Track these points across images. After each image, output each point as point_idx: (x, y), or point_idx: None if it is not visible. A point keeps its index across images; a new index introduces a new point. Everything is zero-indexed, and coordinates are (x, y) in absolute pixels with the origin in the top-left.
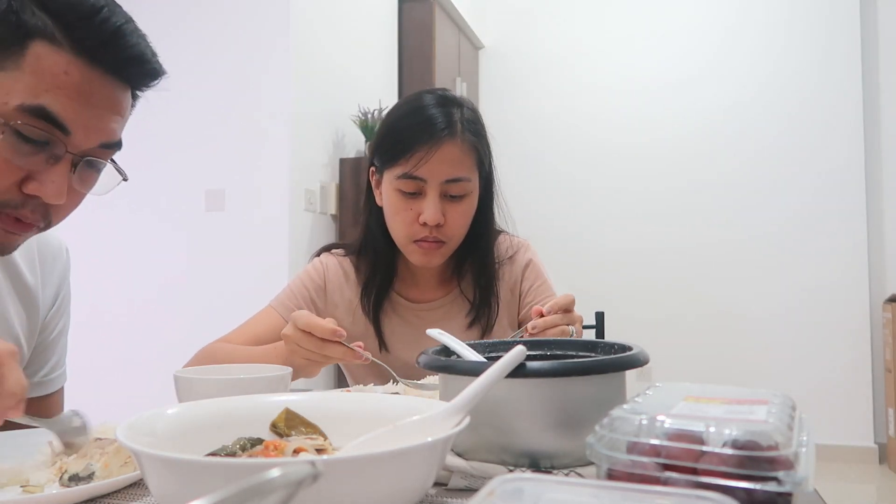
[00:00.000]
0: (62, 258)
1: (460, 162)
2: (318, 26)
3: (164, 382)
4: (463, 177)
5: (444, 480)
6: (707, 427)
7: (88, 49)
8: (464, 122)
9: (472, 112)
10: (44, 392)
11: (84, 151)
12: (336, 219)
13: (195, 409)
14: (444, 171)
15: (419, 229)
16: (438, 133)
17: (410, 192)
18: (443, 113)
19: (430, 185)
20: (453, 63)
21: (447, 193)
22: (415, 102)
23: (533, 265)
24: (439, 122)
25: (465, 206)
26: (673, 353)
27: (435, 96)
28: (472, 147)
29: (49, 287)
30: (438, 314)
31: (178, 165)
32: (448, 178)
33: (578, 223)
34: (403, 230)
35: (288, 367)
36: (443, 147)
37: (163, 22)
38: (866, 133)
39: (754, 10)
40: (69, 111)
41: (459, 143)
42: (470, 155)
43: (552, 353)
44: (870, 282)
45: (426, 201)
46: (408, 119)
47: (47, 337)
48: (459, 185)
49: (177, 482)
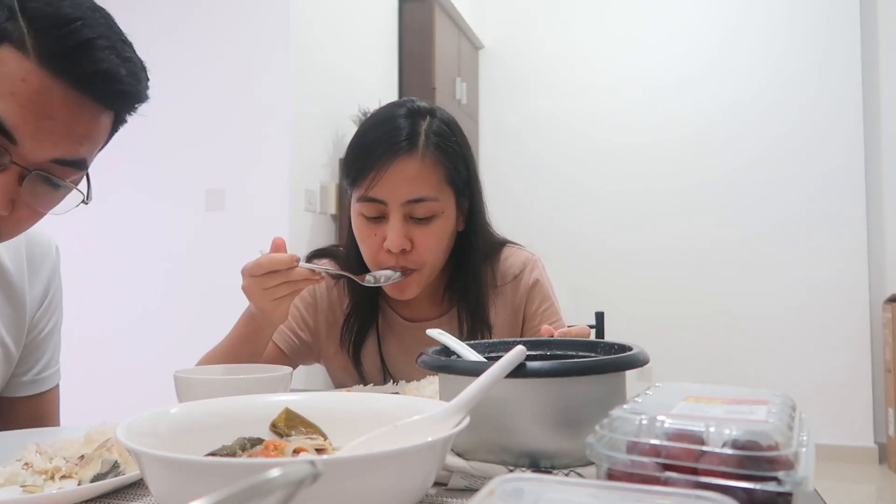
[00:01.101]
0: (51, 256)
1: (423, 179)
2: (318, 26)
3: (164, 383)
4: (427, 196)
5: (444, 480)
6: (707, 427)
7: (51, 58)
8: (429, 135)
9: (444, 123)
10: (37, 390)
11: (34, 164)
12: (336, 219)
13: (195, 409)
14: (404, 190)
15: (386, 257)
16: (394, 148)
17: (372, 216)
18: (408, 124)
19: (391, 207)
20: (453, 63)
21: (412, 215)
22: (381, 114)
23: (540, 286)
24: (398, 136)
25: (434, 228)
26: (673, 353)
27: (405, 108)
28: (436, 162)
29: (37, 285)
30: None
31: (178, 165)
32: (409, 199)
33: (578, 223)
34: (370, 259)
35: (288, 368)
36: (400, 164)
37: (163, 22)
38: (866, 133)
39: (754, 10)
40: (18, 119)
41: (419, 159)
42: (435, 171)
43: (552, 353)
44: (870, 282)
45: (388, 225)
46: (370, 133)
47: (37, 335)
48: (424, 206)
49: (177, 482)
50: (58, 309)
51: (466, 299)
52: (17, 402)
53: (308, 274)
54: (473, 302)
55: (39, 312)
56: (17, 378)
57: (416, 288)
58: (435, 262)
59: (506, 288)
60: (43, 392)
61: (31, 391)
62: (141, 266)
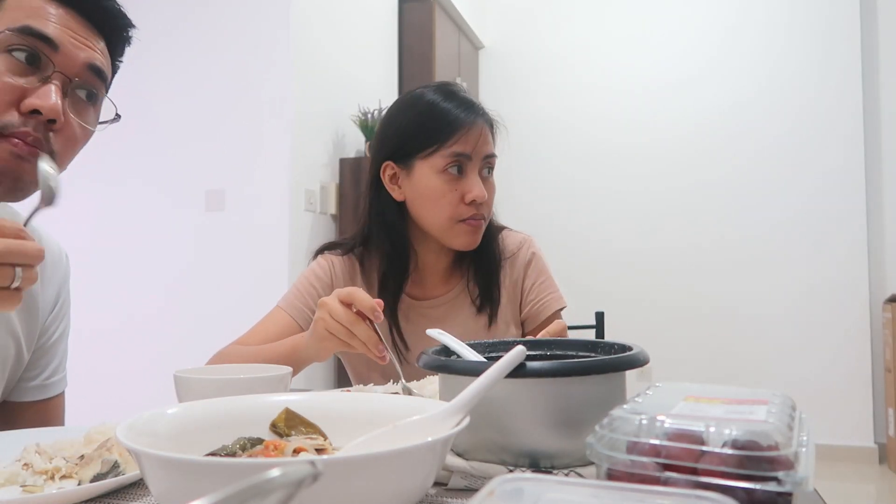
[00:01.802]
0: (62, 264)
1: (491, 139)
2: (318, 26)
3: (164, 383)
4: (495, 153)
5: (444, 480)
6: (707, 427)
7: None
8: (483, 108)
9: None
10: (45, 396)
11: (72, 72)
12: (336, 219)
13: (195, 409)
14: (486, 146)
15: (465, 209)
16: (473, 113)
17: (457, 171)
18: (467, 97)
19: (474, 161)
20: (453, 63)
21: (483, 170)
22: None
23: (536, 261)
24: (472, 104)
25: (493, 182)
26: (673, 353)
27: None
28: (490, 129)
29: (49, 291)
30: (442, 311)
31: (179, 165)
32: (488, 154)
33: (578, 223)
34: (449, 212)
35: (288, 367)
36: (478, 126)
37: (163, 22)
38: (866, 133)
39: (754, 10)
40: (51, 29)
41: (487, 124)
42: (492, 135)
43: (552, 353)
44: (870, 282)
45: (470, 180)
46: (442, 104)
47: (47, 341)
48: (493, 161)
49: (177, 482)
50: (66, 316)
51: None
52: (24, 406)
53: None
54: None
55: (50, 318)
56: (26, 382)
57: (480, 237)
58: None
59: (504, 265)
60: (50, 398)
61: (39, 396)
62: (141, 266)
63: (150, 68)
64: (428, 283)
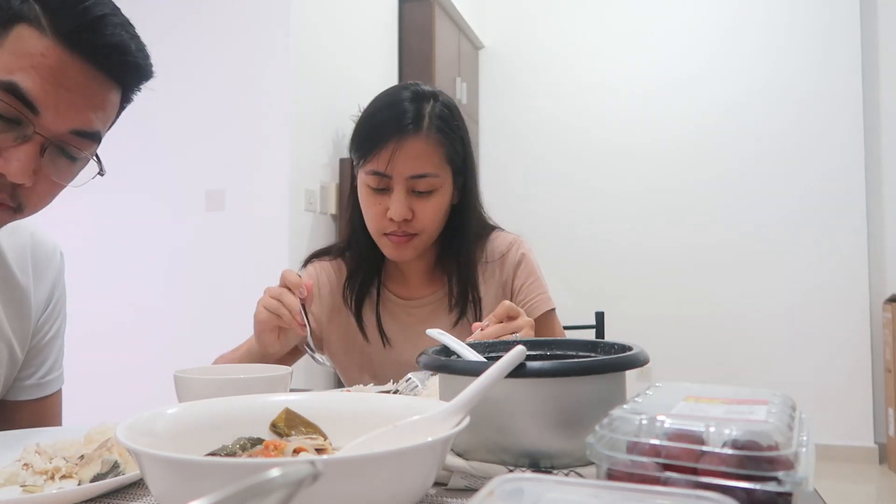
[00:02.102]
0: (56, 260)
1: (426, 158)
2: (318, 26)
3: (164, 383)
4: (429, 173)
5: (444, 480)
6: (707, 427)
7: (68, 34)
8: (432, 117)
9: (446, 107)
10: (41, 394)
11: (55, 135)
12: (336, 219)
13: (195, 409)
14: (409, 167)
15: (388, 223)
16: (404, 129)
17: (377, 187)
18: (413, 108)
19: (396, 180)
20: (453, 63)
21: (414, 189)
22: (389, 97)
23: (525, 262)
24: (406, 118)
25: (433, 201)
26: (673, 353)
27: (409, 91)
28: (438, 143)
29: (42, 289)
30: (426, 311)
31: (179, 165)
32: (413, 175)
33: (578, 223)
34: (374, 224)
35: (288, 367)
36: (407, 143)
37: (163, 22)
38: (866, 133)
39: (754, 10)
40: (40, 91)
41: (424, 139)
42: (437, 150)
43: (552, 353)
44: (870, 282)
45: (392, 197)
46: (378, 114)
47: (41, 339)
48: (425, 181)
49: (177, 482)
50: (61, 313)
51: (458, 272)
52: (21, 405)
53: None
54: (464, 274)
55: (44, 316)
56: (21, 382)
57: (413, 251)
58: (432, 231)
59: (494, 265)
60: (46, 396)
61: (35, 395)
62: (141, 266)
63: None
64: (411, 284)
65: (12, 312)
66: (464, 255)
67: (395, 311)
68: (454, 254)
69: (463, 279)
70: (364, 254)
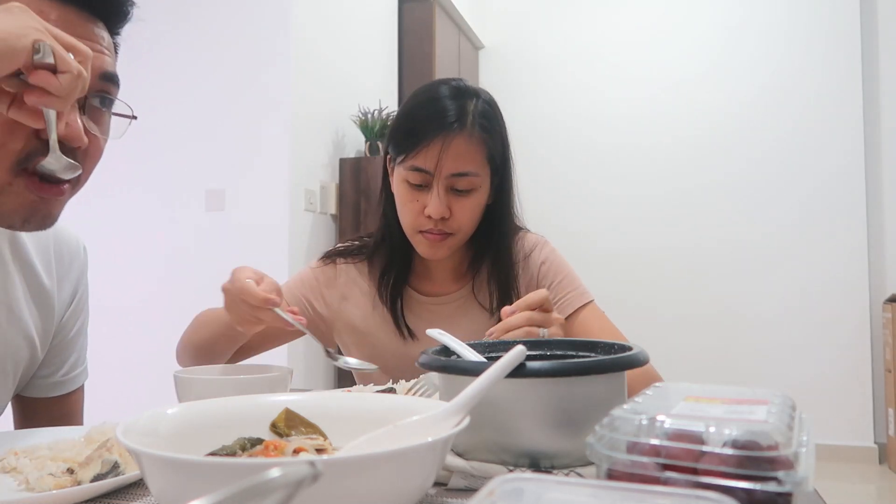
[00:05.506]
0: (80, 256)
1: (468, 156)
2: (318, 27)
3: (164, 382)
4: (470, 171)
5: (444, 480)
6: (707, 427)
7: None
8: (475, 115)
9: (488, 104)
10: (66, 390)
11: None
12: (336, 219)
13: (195, 409)
14: (451, 165)
15: (424, 221)
16: (447, 126)
17: (417, 183)
18: (455, 105)
19: (437, 178)
20: (453, 63)
21: (454, 187)
22: (430, 93)
23: (549, 263)
24: (449, 115)
25: (472, 200)
26: (673, 353)
27: (450, 87)
28: (481, 141)
29: (66, 286)
30: (450, 309)
31: (179, 165)
32: (454, 173)
33: (578, 223)
34: (409, 221)
35: (288, 367)
36: (451, 141)
37: (164, 22)
38: (866, 133)
39: (755, 11)
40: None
41: (467, 137)
42: (480, 149)
43: (552, 353)
44: (870, 282)
45: (431, 194)
46: (420, 110)
47: (66, 336)
48: (466, 180)
49: (177, 482)
50: (85, 308)
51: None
52: (45, 402)
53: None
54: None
55: (68, 314)
56: (46, 379)
57: (447, 250)
58: (467, 230)
59: (519, 266)
60: (70, 392)
61: (60, 391)
62: (141, 266)
63: (151, 68)
64: (436, 280)
65: (36, 312)
66: (502, 255)
67: (417, 307)
68: (489, 253)
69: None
70: (397, 250)
